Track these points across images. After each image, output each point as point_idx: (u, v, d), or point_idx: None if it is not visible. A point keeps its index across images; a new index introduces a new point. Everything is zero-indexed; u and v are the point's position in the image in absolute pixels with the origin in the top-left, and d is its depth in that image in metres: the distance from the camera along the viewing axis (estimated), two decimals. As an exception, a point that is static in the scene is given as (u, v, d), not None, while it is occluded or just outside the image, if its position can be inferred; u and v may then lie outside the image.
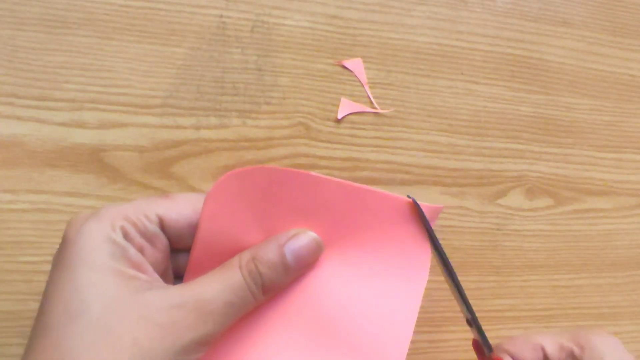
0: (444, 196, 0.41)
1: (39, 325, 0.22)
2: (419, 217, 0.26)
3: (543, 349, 0.30)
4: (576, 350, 0.29)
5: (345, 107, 0.39)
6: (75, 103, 0.35)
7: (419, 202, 0.26)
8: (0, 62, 0.34)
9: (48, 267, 0.33)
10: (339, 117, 0.39)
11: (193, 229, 0.25)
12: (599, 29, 0.46)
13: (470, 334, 0.30)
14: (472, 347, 0.31)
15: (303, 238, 0.26)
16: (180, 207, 0.25)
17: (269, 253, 0.25)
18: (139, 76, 0.36)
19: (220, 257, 0.25)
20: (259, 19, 0.38)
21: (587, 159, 0.45)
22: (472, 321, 0.28)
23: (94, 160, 0.35)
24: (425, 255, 0.27)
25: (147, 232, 0.24)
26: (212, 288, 0.23)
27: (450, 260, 0.27)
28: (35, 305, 0.33)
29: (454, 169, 0.41)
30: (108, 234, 0.23)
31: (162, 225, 0.25)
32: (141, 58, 0.36)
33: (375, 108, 0.40)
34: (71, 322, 0.21)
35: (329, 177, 0.26)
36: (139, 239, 0.24)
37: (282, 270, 0.25)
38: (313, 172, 0.26)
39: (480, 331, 0.29)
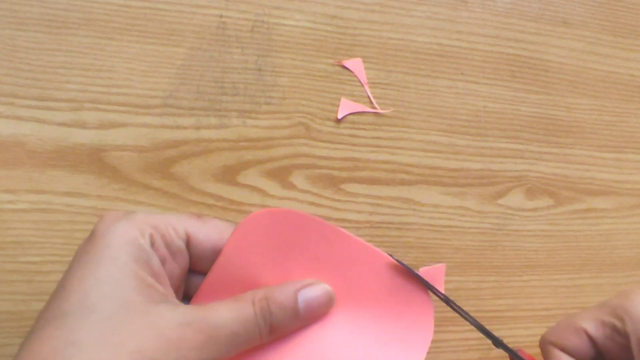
0: (444, 196, 0.41)
1: (51, 311, 0.22)
2: (426, 285, 0.27)
3: (585, 331, 0.29)
4: (617, 324, 0.28)
5: (345, 107, 0.39)
6: (75, 103, 0.35)
7: (422, 269, 0.27)
8: (0, 62, 0.34)
9: (49, 267, 0.34)
10: (339, 117, 0.39)
11: (215, 254, 0.26)
12: (599, 29, 0.46)
13: (470, 334, 0.30)
14: (472, 347, 0.31)
15: (317, 289, 0.26)
16: (209, 230, 0.26)
17: (282, 295, 0.25)
18: (139, 76, 0.36)
19: (233, 288, 0.26)
20: (259, 19, 0.38)
21: (587, 159, 0.45)
22: (498, 345, 0.28)
23: (94, 160, 0.35)
24: (428, 326, 0.28)
25: (172, 245, 0.25)
26: (223, 316, 0.24)
27: (450, 260, 0.27)
28: (37, 306, 0.33)
29: (454, 169, 0.41)
30: (136, 238, 0.23)
31: (188, 243, 0.25)
32: (141, 58, 0.36)
33: (375, 108, 0.40)
34: (84, 314, 0.21)
35: (354, 237, 0.27)
36: (163, 250, 0.24)
37: (291, 315, 0.26)
38: (342, 229, 0.27)
39: (509, 351, 0.28)
